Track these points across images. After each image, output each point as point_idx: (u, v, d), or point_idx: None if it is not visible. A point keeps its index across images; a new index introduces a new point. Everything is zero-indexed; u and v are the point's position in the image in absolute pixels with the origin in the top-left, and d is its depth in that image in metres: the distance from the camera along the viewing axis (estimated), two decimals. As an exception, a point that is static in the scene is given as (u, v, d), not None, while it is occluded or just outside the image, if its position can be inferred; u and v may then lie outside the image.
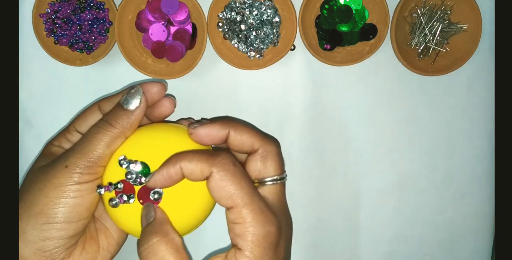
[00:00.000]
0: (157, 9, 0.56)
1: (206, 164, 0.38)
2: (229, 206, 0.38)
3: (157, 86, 0.46)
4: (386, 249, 0.64)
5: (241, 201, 0.38)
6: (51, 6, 0.58)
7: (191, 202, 0.41)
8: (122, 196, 0.40)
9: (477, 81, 0.61)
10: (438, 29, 0.58)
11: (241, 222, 0.38)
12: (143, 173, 0.40)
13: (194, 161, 0.38)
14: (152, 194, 0.40)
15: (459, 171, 0.63)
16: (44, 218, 0.40)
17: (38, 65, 0.60)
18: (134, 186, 0.41)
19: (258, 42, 0.58)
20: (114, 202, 0.40)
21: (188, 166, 0.38)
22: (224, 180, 0.38)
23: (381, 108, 0.62)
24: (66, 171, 0.40)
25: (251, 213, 0.38)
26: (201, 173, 0.38)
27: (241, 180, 0.39)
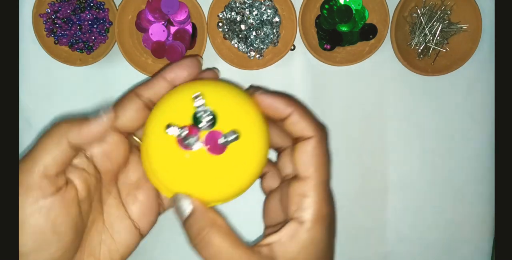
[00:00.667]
0: (157, 9, 0.56)
1: (313, 127, 0.39)
2: (308, 176, 0.39)
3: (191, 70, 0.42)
4: (386, 249, 0.64)
5: (320, 176, 0.39)
6: (51, 6, 0.58)
7: (249, 164, 0.40)
8: (193, 137, 0.38)
9: (477, 81, 0.61)
10: (438, 29, 0.58)
11: (314, 196, 0.38)
12: (213, 116, 0.38)
13: (307, 117, 0.39)
14: (230, 133, 0.38)
15: (459, 171, 0.63)
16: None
17: (38, 65, 0.60)
18: (199, 132, 0.38)
19: (258, 42, 0.58)
20: (190, 141, 0.38)
21: (299, 116, 0.39)
22: (318, 150, 0.39)
23: (381, 108, 0.62)
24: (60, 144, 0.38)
25: (323, 191, 0.39)
26: (303, 130, 0.39)
27: (328, 159, 0.40)
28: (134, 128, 0.41)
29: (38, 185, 0.37)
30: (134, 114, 0.40)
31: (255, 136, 0.39)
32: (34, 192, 0.37)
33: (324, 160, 0.39)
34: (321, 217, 0.38)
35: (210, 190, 0.40)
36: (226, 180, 0.39)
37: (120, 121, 0.40)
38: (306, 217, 0.38)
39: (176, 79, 0.42)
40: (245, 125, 0.39)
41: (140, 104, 0.41)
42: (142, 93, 0.41)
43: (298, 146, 0.39)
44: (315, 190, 0.38)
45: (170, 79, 0.41)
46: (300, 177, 0.39)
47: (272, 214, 0.43)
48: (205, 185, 0.39)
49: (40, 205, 0.37)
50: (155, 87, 0.41)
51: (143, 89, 0.41)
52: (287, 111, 0.39)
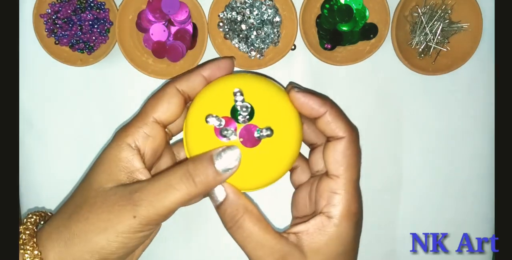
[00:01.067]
0: (157, 9, 0.56)
1: (345, 127, 0.41)
2: (338, 175, 0.41)
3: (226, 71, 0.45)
4: (386, 248, 0.64)
5: (350, 175, 0.41)
6: (51, 7, 0.58)
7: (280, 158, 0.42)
8: (232, 131, 0.40)
9: (477, 80, 0.61)
10: (438, 28, 0.58)
11: (341, 194, 0.40)
12: (251, 110, 0.40)
13: (340, 117, 0.41)
14: (265, 129, 0.39)
15: (459, 170, 0.63)
16: (97, 255, 0.39)
17: (38, 66, 0.61)
18: (237, 124, 0.40)
19: (258, 41, 0.58)
20: (227, 132, 0.39)
21: (332, 116, 0.41)
22: (350, 150, 0.41)
23: (381, 108, 0.61)
24: (132, 221, 0.38)
25: (354, 189, 0.41)
26: (335, 130, 0.41)
27: (359, 159, 0.42)
28: (172, 120, 0.43)
29: (155, 223, 0.39)
30: (175, 108, 0.42)
31: (288, 132, 0.41)
32: (151, 226, 0.40)
33: (354, 160, 0.41)
34: (349, 214, 0.40)
35: (242, 179, 0.41)
36: (258, 171, 0.41)
37: (162, 114, 0.42)
38: (335, 213, 0.40)
39: (212, 76, 0.44)
40: (280, 121, 0.41)
41: (181, 99, 0.43)
42: (181, 87, 0.43)
43: (330, 145, 0.41)
44: (345, 188, 0.40)
45: (207, 76, 0.44)
46: (331, 175, 0.41)
47: (300, 207, 0.46)
48: (238, 174, 0.41)
49: (145, 233, 0.40)
50: (193, 82, 0.43)
51: (182, 84, 0.43)
52: (321, 111, 0.41)
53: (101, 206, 0.39)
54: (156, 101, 0.43)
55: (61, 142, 0.62)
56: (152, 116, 0.42)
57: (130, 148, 0.41)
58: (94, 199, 0.40)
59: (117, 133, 0.43)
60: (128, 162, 0.41)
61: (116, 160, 0.41)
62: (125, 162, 0.41)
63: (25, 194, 0.63)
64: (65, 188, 0.61)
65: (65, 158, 0.62)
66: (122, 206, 0.38)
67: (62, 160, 0.62)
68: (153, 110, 0.42)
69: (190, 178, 0.39)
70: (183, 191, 0.38)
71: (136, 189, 0.39)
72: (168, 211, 0.39)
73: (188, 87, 0.43)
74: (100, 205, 0.39)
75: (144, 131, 0.42)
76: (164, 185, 0.39)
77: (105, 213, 0.39)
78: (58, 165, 0.62)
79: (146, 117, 0.42)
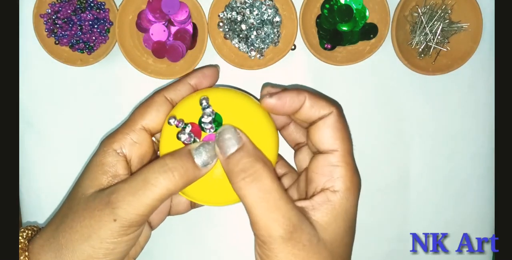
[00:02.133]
0: (157, 9, 0.56)
1: (329, 103, 0.41)
2: (335, 149, 0.40)
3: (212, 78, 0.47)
4: (386, 248, 0.64)
5: (347, 147, 0.41)
6: (51, 7, 0.58)
7: None
8: (191, 135, 0.40)
9: (477, 80, 0.61)
10: (438, 28, 0.58)
11: (343, 166, 0.40)
12: (214, 122, 0.40)
13: (320, 97, 0.42)
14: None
15: (459, 170, 0.63)
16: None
17: (38, 66, 0.61)
18: (202, 132, 0.40)
19: (258, 41, 0.58)
20: (182, 135, 0.39)
21: (313, 98, 0.41)
22: (340, 123, 0.41)
23: (381, 107, 0.61)
24: (114, 224, 0.37)
25: (352, 161, 0.41)
26: (322, 108, 0.41)
27: (347, 129, 0.42)
28: (160, 128, 0.43)
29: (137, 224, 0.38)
30: (163, 116, 0.43)
31: (262, 144, 0.41)
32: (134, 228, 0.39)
33: (346, 132, 0.42)
34: (352, 185, 0.40)
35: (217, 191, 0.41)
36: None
37: (150, 121, 0.43)
38: (339, 185, 0.39)
39: (199, 84, 0.45)
40: (250, 130, 0.41)
41: (169, 107, 0.44)
42: (169, 96, 0.44)
43: (320, 124, 0.41)
44: (344, 160, 0.40)
45: (194, 84, 0.45)
46: (328, 150, 0.41)
47: None
48: (211, 186, 0.41)
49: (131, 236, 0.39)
50: (180, 91, 0.45)
51: (170, 92, 0.44)
52: (300, 99, 0.41)
53: (83, 213, 0.39)
54: (145, 109, 0.43)
55: (61, 142, 0.62)
56: (140, 124, 0.43)
57: (115, 153, 0.41)
58: (77, 207, 0.39)
59: (104, 139, 0.43)
60: (112, 167, 0.41)
61: (100, 165, 0.41)
62: (109, 167, 0.41)
63: (25, 194, 0.63)
64: (65, 188, 0.61)
65: (65, 158, 0.62)
66: (101, 210, 0.38)
67: (62, 160, 0.62)
68: (141, 117, 0.43)
69: (168, 172, 0.38)
70: (161, 186, 0.37)
71: (113, 191, 0.38)
72: (149, 210, 0.38)
73: (176, 95, 0.44)
74: (82, 212, 0.39)
75: (131, 138, 0.42)
76: (142, 182, 0.38)
77: (86, 220, 0.38)
78: (58, 165, 0.62)
79: (134, 124, 0.43)
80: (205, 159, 0.39)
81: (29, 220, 0.63)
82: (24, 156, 0.62)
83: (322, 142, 0.41)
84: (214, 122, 0.40)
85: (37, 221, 0.63)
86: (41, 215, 0.63)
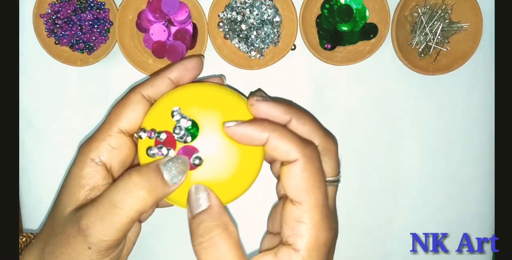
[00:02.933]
0: (157, 9, 0.56)
1: (296, 148, 0.35)
2: (300, 201, 0.35)
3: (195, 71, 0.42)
4: (387, 248, 0.64)
5: (314, 200, 0.35)
6: (51, 7, 0.58)
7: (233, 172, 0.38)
8: (161, 148, 0.37)
9: (477, 80, 0.61)
10: (438, 28, 0.58)
11: (306, 222, 0.35)
12: (190, 131, 0.37)
13: (287, 139, 0.36)
14: (194, 158, 0.37)
15: (459, 170, 0.63)
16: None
17: (38, 66, 0.60)
18: (177, 142, 0.37)
19: (258, 41, 0.58)
20: (152, 152, 0.37)
21: (277, 140, 0.36)
22: (307, 172, 0.35)
23: (381, 107, 0.61)
24: (90, 252, 0.35)
25: (320, 216, 0.36)
26: (285, 154, 0.36)
27: (321, 179, 0.36)
28: (137, 128, 0.40)
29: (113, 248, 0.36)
30: (141, 115, 0.40)
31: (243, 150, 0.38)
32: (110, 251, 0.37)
33: (315, 182, 0.36)
34: (317, 246, 0.35)
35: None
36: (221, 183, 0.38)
37: (127, 123, 0.39)
38: (301, 245, 0.35)
39: (180, 79, 0.41)
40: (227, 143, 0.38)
41: (147, 105, 0.40)
42: (147, 92, 0.40)
43: (285, 170, 0.36)
44: (310, 216, 0.35)
45: (174, 78, 0.41)
46: (293, 201, 0.36)
47: (277, 222, 0.40)
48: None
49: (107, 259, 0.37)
50: (159, 86, 0.41)
51: (148, 89, 0.40)
52: (263, 138, 0.36)
53: (61, 239, 0.37)
54: (120, 109, 0.40)
55: (61, 142, 0.62)
56: (116, 126, 0.39)
57: (93, 163, 0.39)
58: (57, 229, 0.38)
59: (80, 147, 0.40)
60: (90, 179, 0.38)
61: (78, 178, 0.39)
62: (87, 179, 0.38)
63: (25, 194, 0.63)
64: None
65: (65, 158, 0.62)
66: (74, 238, 0.36)
67: (62, 160, 0.62)
68: (117, 119, 0.39)
69: (135, 190, 0.35)
70: (129, 208, 0.35)
71: (82, 216, 0.36)
72: (121, 234, 0.35)
73: (155, 92, 0.40)
74: (60, 238, 0.37)
75: (108, 144, 0.39)
76: (108, 206, 0.35)
77: (63, 247, 0.36)
78: (58, 165, 0.62)
79: (110, 128, 0.39)
80: (175, 174, 0.36)
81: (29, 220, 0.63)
82: (24, 156, 0.62)
83: (287, 190, 0.36)
84: (191, 130, 0.37)
85: (37, 221, 0.63)
86: (41, 215, 0.63)
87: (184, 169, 0.36)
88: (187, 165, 0.37)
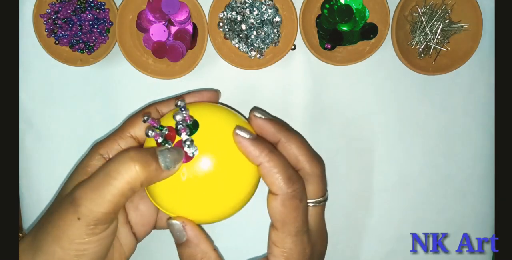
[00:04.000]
0: (157, 9, 0.56)
1: (280, 184, 0.39)
2: (277, 227, 0.40)
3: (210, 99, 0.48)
4: (386, 248, 0.64)
5: (287, 231, 0.40)
6: (51, 7, 0.58)
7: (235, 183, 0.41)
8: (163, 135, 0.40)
9: (477, 80, 0.61)
10: (438, 28, 0.58)
11: (280, 247, 0.40)
12: (190, 126, 0.40)
13: (276, 173, 0.39)
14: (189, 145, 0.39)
15: (459, 170, 0.63)
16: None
17: (38, 66, 0.60)
18: (176, 136, 0.40)
19: (258, 41, 0.58)
20: (151, 132, 0.39)
21: (267, 170, 0.39)
22: (285, 208, 0.39)
23: (382, 107, 0.61)
24: (79, 223, 0.36)
25: (293, 245, 0.40)
26: (270, 185, 0.40)
27: (298, 214, 0.40)
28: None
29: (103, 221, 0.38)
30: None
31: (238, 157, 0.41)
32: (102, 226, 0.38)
33: (291, 217, 0.40)
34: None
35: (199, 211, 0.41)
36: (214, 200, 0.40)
37: (139, 130, 0.44)
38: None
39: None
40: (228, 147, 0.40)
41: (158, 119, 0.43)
42: (161, 109, 0.46)
43: (268, 198, 0.40)
44: (283, 243, 0.40)
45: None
46: (272, 224, 0.41)
47: None
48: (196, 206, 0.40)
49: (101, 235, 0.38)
50: (172, 106, 0.46)
51: (162, 106, 0.46)
52: (256, 161, 0.40)
53: (54, 214, 0.38)
54: (135, 118, 0.44)
55: (61, 142, 0.62)
56: (129, 131, 0.44)
57: (101, 157, 0.42)
58: (53, 208, 0.39)
59: (94, 145, 0.43)
60: (95, 169, 0.41)
61: (84, 167, 0.41)
62: (92, 168, 0.41)
63: (25, 194, 0.63)
64: (65, 188, 0.61)
65: (65, 158, 0.62)
66: (66, 209, 0.37)
67: (62, 160, 0.62)
68: (131, 126, 0.44)
69: (130, 162, 0.36)
70: (121, 179, 0.36)
71: (76, 188, 0.37)
72: (113, 207, 0.36)
73: (168, 107, 0.46)
74: (54, 213, 0.38)
75: (119, 144, 0.43)
76: (102, 176, 0.37)
77: (55, 220, 0.37)
78: (58, 165, 0.62)
79: (123, 132, 0.44)
80: (168, 162, 0.38)
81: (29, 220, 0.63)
82: (24, 156, 0.62)
83: (269, 215, 0.41)
84: (191, 126, 0.40)
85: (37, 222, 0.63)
86: (41, 215, 0.63)
87: (178, 159, 0.38)
88: (182, 156, 0.39)
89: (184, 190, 0.40)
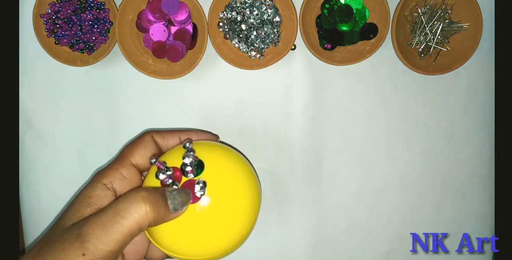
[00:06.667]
0: (157, 9, 0.56)
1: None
2: None
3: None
4: (387, 248, 0.64)
5: None
6: (51, 7, 0.58)
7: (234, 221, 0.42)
8: (171, 176, 0.40)
9: (477, 80, 0.61)
10: (438, 28, 0.58)
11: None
12: (195, 167, 0.41)
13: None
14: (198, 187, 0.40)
15: (459, 170, 0.63)
16: None
17: (38, 66, 0.61)
18: (182, 177, 0.41)
19: (258, 41, 0.58)
20: (162, 176, 0.40)
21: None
22: None
23: (382, 107, 0.61)
24: (82, 259, 0.36)
25: None
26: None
27: None
28: (148, 166, 0.45)
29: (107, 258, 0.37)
30: (151, 154, 0.46)
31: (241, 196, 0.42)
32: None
33: None
34: None
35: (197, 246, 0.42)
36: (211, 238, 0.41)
37: (139, 158, 0.45)
38: None
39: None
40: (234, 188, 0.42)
41: (156, 147, 0.46)
42: (156, 138, 0.46)
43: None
44: None
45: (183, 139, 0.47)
46: None
47: None
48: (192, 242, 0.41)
49: None
50: (167, 139, 0.47)
51: (158, 136, 0.47)
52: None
53: (56, 245, 0.37)
54: (134, 146, 0.45)
55: (61, 142, 0.62)
56: (129, 159, 0.44)
57: (104, 187, 0.42)
58: (53, 238, 0.38)
59: (96, 174, 0.43)
60: (99, 200, 0.41)
61: (87, 198, 0.41)
62: (96, 199, 0.41)
63: (25, 194, 0.63)
64: (65, 189, 0.61)
65: (65, 158, 0.62)
66: (71, 243, 0.36)
67: (62, 160, 0.62)
68: (131, 154, 0.44)
69: (141, 202, 0.37)
70: (131, 219, 0.36)
71: (84, 222, 0.37)
72: (119, 246, 0.36)
73: (163, 141, 0.46)
74: (55, 244, 0.37)
75: (121, 173, 0.43)
76: (112, 214, 0.37)
77: (57, 253, 0.37)
78: (58, 165, 0.62)
79: (123, 160, 0.44)
80: (177, 204, 0.39)
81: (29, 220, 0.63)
82: (24, 156, 0.62)
83: None
84: (195, 166, 0.41)
85: (37, 222, 0.63)
86: (41, 215, 0.63)
87: (186, 201, 0.39)
88: (190, 198, 0.40)
89: (186, 229, 0.41)
